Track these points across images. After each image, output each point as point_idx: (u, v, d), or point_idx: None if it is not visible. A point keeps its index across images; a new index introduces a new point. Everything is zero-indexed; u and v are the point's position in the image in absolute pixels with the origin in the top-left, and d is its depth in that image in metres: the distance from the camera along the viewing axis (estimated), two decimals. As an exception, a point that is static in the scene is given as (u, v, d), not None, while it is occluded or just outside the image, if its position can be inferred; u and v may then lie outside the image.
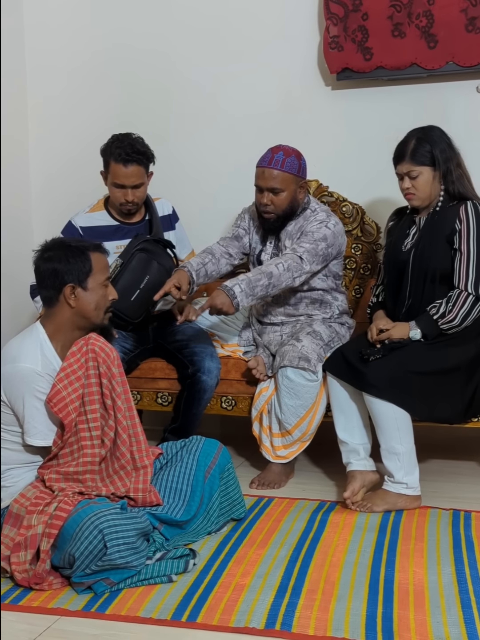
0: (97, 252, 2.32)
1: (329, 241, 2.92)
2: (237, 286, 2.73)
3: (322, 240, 2.91)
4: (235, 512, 2.52)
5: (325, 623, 1.92)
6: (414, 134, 2.73)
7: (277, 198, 2.90)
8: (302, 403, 2.82)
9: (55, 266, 2.26)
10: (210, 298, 2.74)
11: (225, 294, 2.72)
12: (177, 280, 2.83)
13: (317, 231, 2.92)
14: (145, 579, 2.12)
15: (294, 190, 2.92)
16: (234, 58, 3.64)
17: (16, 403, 2.22)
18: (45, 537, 2.09)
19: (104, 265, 2.33)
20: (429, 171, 2.70)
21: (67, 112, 3.89)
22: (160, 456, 2.50)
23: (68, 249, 2.28)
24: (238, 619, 1.94)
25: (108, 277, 2.35)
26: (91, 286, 2.28)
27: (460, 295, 2.64)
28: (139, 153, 2.95)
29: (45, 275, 2.28)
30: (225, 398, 3.08)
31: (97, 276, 2.30)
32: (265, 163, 2.90)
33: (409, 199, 2.77)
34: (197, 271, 2.92)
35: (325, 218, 2.97)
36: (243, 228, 3.14)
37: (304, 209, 3.01)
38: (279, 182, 2.88)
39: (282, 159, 2.87)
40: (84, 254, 2.28)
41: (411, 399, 2.60)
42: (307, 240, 2.90)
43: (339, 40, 3.38)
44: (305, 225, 2.97)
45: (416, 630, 1.88)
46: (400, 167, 2.74)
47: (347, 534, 2.45)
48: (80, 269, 2.26)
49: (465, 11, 3.21)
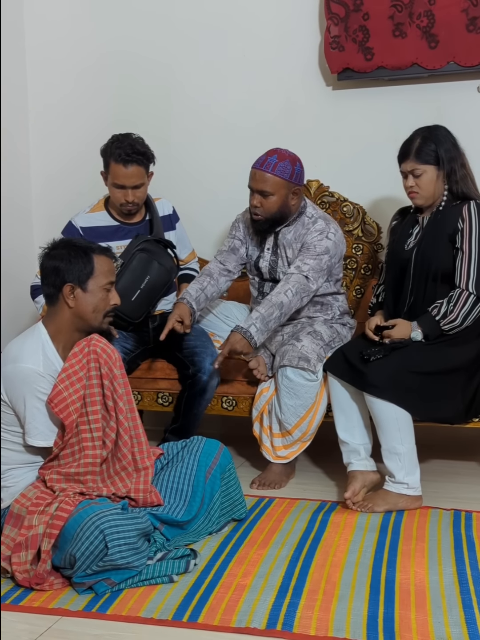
0: (102, 255, 2.31)
1: (331, 252, 2.93)
2: (253, 326, 2.78)
3: (325, 253, 2.91)
4: (236, 512, 2.52)
5: (327, 623, 1.92)
6: (420, 132, 2.73)
7: (266, 201, 2.88)
8: (302, 403, 2.82)
9: (57, 264, 2.26)
10: (229, 343, 2.78)
11: (242, 336, 2.77)
12: (179, 315, 2.91)
13: (318, 244, 2.91)
14: (146, 579, 2.12)
15: (285, 196, 2.88)
16: (234, 58, 3.64)
17: (17, 403, 2.22)
18: (46, 537, 2.09)
19: (108, 269, 2.32)
20: (433, 170, 2.70)
21: (67, 113, 3.89)
22: (161, 456, 2.50)
23: (72, 248, 2.28)
24: (239, 619, 1.94)
25: (111, 282, 2.33)
26: (91, 288, 2.28)
27: (462, 295, 2.64)
28: (139, 153, 2.94)
29: (48, 272, 2.29)
30: (226, 398, 3.08)
31: (99, 279, 2.29)
32: (258, 165, 2.88)
33: (412, 197, 2.76)
34: (196, 299, 2.98)
35: (324, 227, 2.94)
36: (238, 238, 3.13)
37: (300, 213, 2.98)
38: (269, 185, 2.85)
39: (275, 163, 2.84)
40: (87, 255, 2.28)
41: (412, 399, 2.60)
42: (309, 256, 2.90)
43: (340, 40, 3.38)
44: (305, 236, 2.95)
45: (417, 630, 1.88)
46: (404, 165, 2.74)
47: (348, 534, 2.45)
48: (81, 270, 2.26)
49: (466, 11, 3.21)
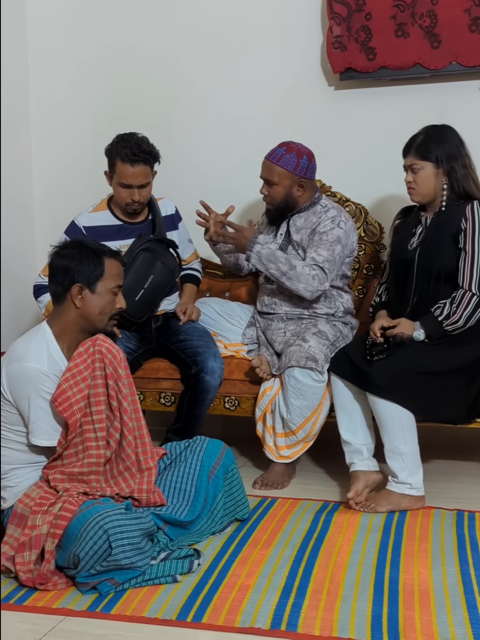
0: (113, 258, 2.33)
1: (342, 242, 2.96)
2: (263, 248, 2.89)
3: (337, 242, 2.94)
4: (239, 512, 2.51)
5: (331, 623, 1.92)
6: (426, 129, 2.76)
7: (271, 190, 3.00)
8: (309, 404, 2.81)
9: (68, 264, 2.27)
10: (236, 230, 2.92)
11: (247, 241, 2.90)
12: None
13: (330, 232, 2.95)
14: (149, 579, 2.12)
15: (289, 187, 2.97)
16: (237, 58, 3.64)
17: (22, 403, 2.22)
18: (50, 537, 2.09)
19: (117, 273, 2.33)
20: (431, 167, 2.71)
21: (70, 111, 3.88)
22: (164, 456, 2.50)
23: (84, 249, 2.30)
24: (243, 620, 1.94)
25: (119, 286, 2.35)
26: (99, 290, 2.29)
27: (465, 296, 2.64)
28: (145, 153, 2.94)
29: (57, 270, 2.29)
30: (229, 398, 3.08)
31: (108, 282, 2.30)
32: (267, 155, 3.01)
33: (410, 193, 2.79)
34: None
35: (336, 215, 3.00)
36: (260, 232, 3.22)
37: (314, 203, 3.04)
38: (273, 175, 2.97)
39: (281, 154, 2.95)
40: (98, 257, 2.29)
41: (415, 399, 2.60)
42: (323, 246, 2.93)
43: (342, 40, 3.38)
44: (317, 223, 2.99)
45: (422, 630, 1.88)
46: (405, 160, 2.78)
47: (351, 534, 2.45)
48: (91, 271, 2.28)
49: (468, 11, 3.20)
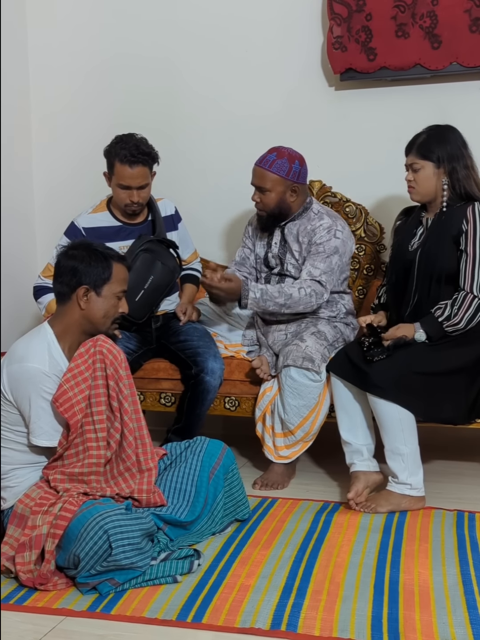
0: (120, 263, 2.35)
1: (340, 251, 2.95)
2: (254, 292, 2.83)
3: (334, 253, 2.93)
4: (239, 512, 2.51)
5: (331, 624, 1.92)
6: (429, 129, 2.76)
7: (264, 197, 2.96)
8: (305, 403, 2.81)
9: (76, 265, 2.28)
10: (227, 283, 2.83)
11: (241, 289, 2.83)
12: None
13: (326, 243, 2.93)
14: (150, 579, 2.13)
15: (282, 192, 2.94)
16: (237, 58, 3.64)
17: (22, 403, 2.22)
18: (50, 537, 2.09)
19: (123, 278, 2.35)
20: (431, 167, 2.71)
21: (70, 116, 3.88)
22: (165, 457, 2.50)
23: (93, 252, 2.31)
24: (243, 620, 1.94)
25: (124, 290, 2.36)
26: (105, 294, 2.30)
27: (466, 298, 2.63)
28: (144, 154, 2.95)
29: (64, 271, 2.30)
30: (229, 399, 3.08)
31: (114, 286, 2.31)
32: (257, 162, 2.97)
33: (410, 192, 2.79)
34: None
35: (332, 224, 2.96)
36: (248, 247, 3.21)
37: (306, 209, 3.02)
38: (265, 181, 2.93)
39: (272, 160, 2.92)
40: (106, 261, 2.30)
41: (415, 400, 2.60)
42: (319, 258, 2.92)
43: (343, 41, 3.37)
44: (312, 232, 2.96)
45: (422, 631, 1.88)
46: (407, 158, 2.78)
47: (352, 534, 2.45)
48: (99, 274, 2.29)
49: (469, 12, 3.20)
